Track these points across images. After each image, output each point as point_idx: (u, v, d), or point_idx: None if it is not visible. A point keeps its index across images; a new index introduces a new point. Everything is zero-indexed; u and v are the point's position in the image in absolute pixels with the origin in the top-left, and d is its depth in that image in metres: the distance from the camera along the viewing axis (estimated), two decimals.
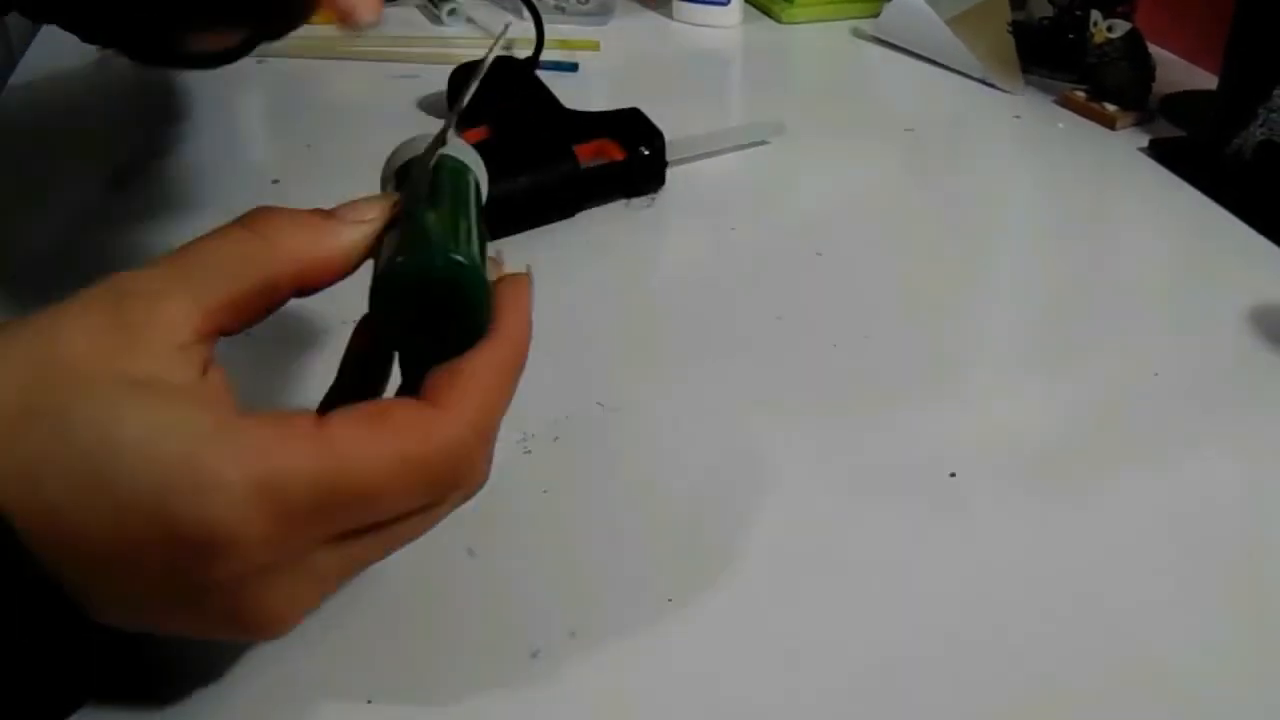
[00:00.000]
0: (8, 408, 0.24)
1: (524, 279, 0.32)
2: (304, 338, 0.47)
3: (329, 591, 0.29)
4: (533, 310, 0.32)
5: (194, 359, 0.26)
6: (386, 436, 0.27)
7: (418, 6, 0.91)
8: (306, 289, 0.30)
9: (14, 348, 0.25)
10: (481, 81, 0.37)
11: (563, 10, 0.89)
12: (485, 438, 0.29)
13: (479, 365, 0.29)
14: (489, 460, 0.30)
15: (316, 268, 0.29)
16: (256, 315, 0.29)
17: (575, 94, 0.66)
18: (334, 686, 0.33)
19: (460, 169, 0.34)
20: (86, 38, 0.55)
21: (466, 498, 0.30)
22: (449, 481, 0.28)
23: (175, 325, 0.26)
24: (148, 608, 0.27)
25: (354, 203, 0.31)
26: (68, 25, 0.54)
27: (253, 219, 0.29)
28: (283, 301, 0.29)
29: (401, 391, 0.31)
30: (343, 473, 0.26)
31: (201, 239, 0.28)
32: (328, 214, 0.30)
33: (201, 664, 0.34)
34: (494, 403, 0.29)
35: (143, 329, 0.26)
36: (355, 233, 0.30)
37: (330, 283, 0.30)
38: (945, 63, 0.84)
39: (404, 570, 0.37)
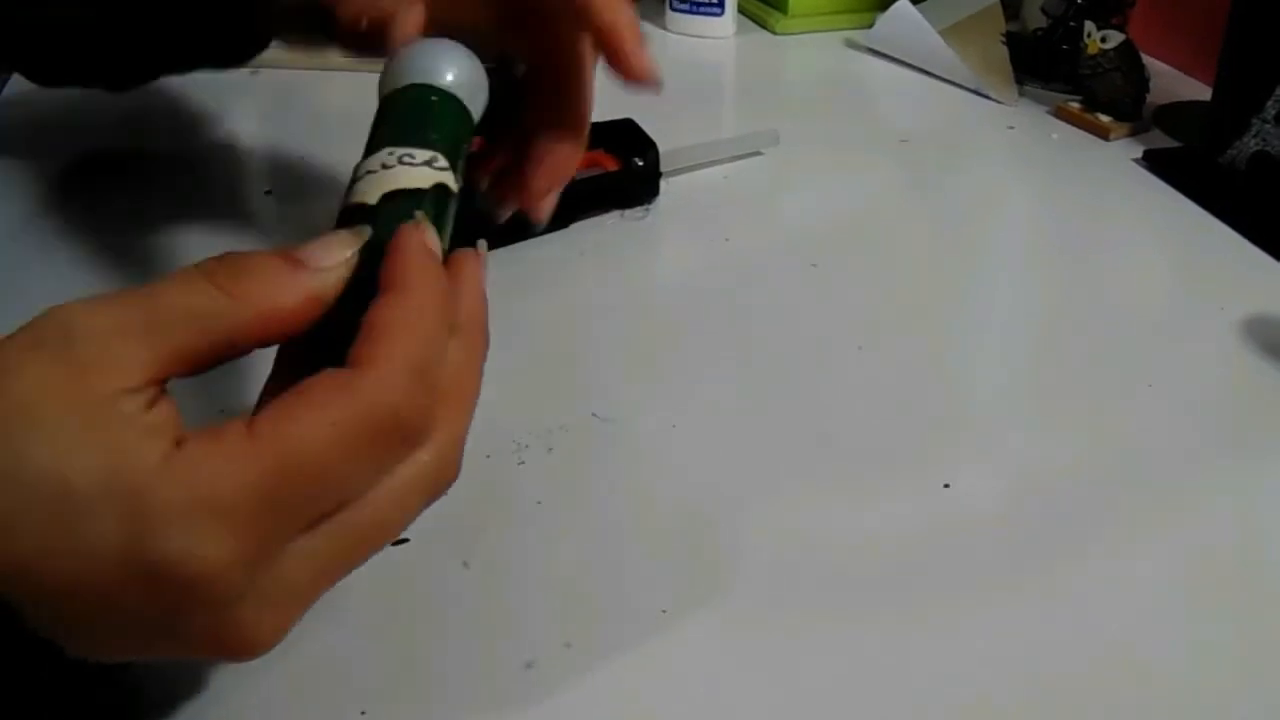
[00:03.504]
0: None
1: (404, 230, 0.30)
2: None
3: (309, 599, 0.28)
4: (423, 253, 0.30)
5: (141, 399, 0.26)
6: (313, 409, 0.26)
7: None
8: (270, 341, 0.29)
9: None
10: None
11: None
12: (418, 379, 0.27)
13: (375, 319, 0.28)
14: (437, 413, 0.28)
15: (278, 320, 0.28)
16: (212, 365, 0.28)
17: None
18: (328, 698, 0.33)
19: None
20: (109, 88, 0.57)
21: (443, 462, 0.29)
22: (394, 433, 0.27)
23: (127, 369, 0.26)
24: (128, 643, 0.26)
25: (323, 240, 0.30)
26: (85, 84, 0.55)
27: (214, 271, 0.28)
28: (244, 353, 0.28)
29: None
30: (282, 461, 0.25)
31: (162, 285, 0.27)
32: (293, 259, 0.29)
33: (191, 679, 0.33)
34: (410, 343, 0.28)
35: (93, 369, 0.25)
36: (319, 280, 0.29)
37: (296, 331, 0.29)
38: (939, 74, 0.84)
39: (399, 581, 0.37)
